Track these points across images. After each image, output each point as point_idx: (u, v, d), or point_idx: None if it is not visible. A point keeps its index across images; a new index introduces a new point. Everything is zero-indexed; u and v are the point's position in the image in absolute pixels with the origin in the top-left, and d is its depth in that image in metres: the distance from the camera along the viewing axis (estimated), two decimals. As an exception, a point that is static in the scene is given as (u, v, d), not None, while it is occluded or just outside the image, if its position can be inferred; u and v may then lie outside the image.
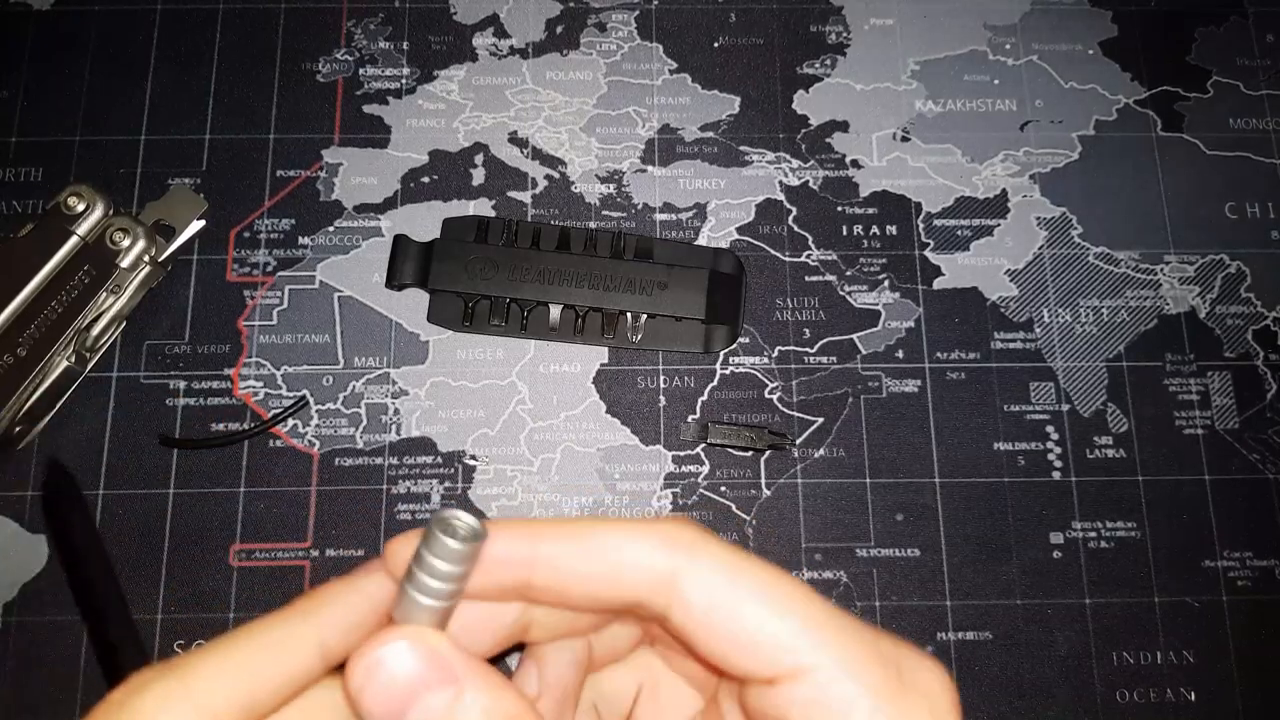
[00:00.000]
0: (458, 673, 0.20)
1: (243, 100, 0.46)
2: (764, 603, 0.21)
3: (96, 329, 0.40)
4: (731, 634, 0.21)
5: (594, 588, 0.22)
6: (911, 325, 0.44)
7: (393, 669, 0.20)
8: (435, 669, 0.20)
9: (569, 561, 0.21)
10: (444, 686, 0.20)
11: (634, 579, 0.21)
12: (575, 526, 0.22)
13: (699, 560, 0.21)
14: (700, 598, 0.21)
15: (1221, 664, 0.40)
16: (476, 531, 0.20)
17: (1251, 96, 0.47)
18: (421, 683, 0.20)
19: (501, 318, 0.42)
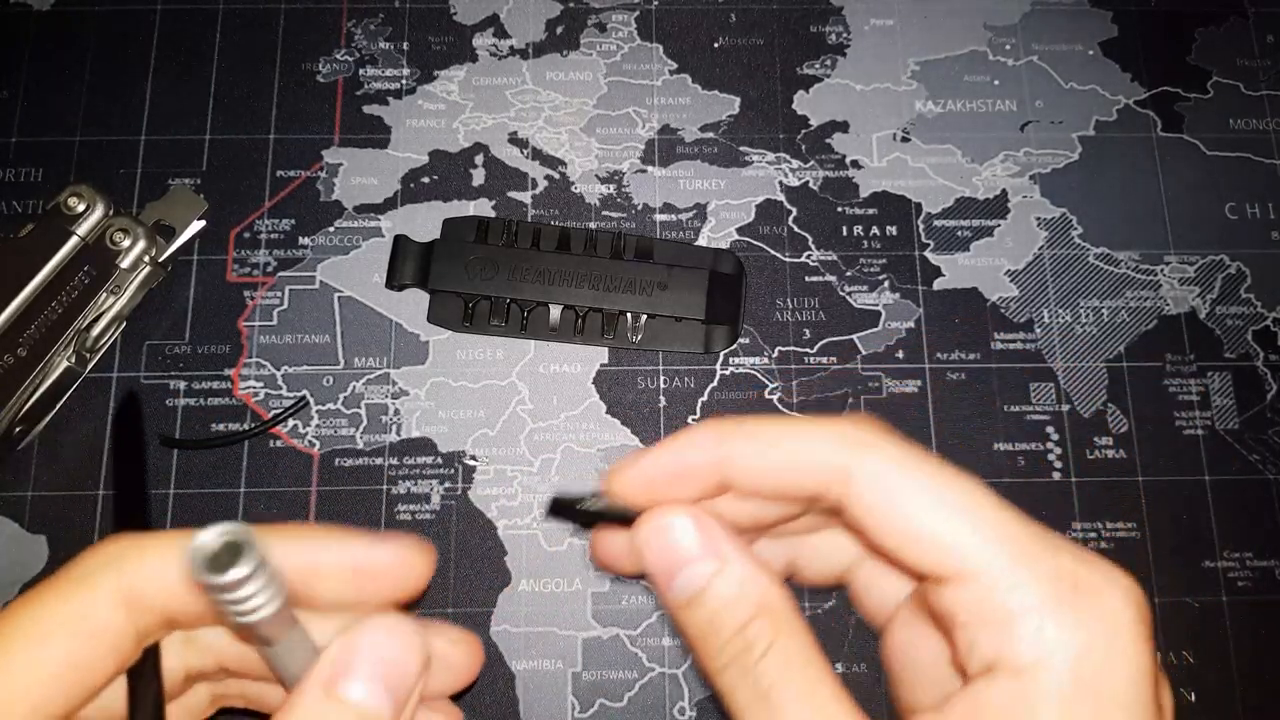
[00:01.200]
0: (723, 550, 0.23)
1: (243, 100, 0.46)
2: (934, 501, 0.21)
3: (96, 329, 0.40)
4: (900, 530, 0.22)
5: (778, 481, 0.23)
6: (911, 326, 0.44)
7: (674, 534, 0.23)
8: (707, 542, 0.23)
9: (754, 460, 0.23)
10: (711, 559, 0.23)
11: (810, 473, 0.23)
12: (760, 425, 0.24)
13: (871, 455, 0.22)
14: (870, 492, 0.22)
15: (1221, 664, 0.40)
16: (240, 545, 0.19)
17: (1251, 97, 0.47)
18: (694, 551, 0.23)
19: (501, 318, 0.42)
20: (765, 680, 0.21)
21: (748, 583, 0.23)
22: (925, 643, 0.25)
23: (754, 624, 0.22)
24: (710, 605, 0.23)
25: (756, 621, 0.22)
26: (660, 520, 0.24)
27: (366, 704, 0.22)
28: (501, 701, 0.39)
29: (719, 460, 0.24)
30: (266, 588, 0.20)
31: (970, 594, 0.20)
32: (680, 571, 0.23)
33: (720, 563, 0.23)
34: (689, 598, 0.23)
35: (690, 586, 0.23)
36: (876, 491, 0.22)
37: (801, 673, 0.22)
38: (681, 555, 0.23)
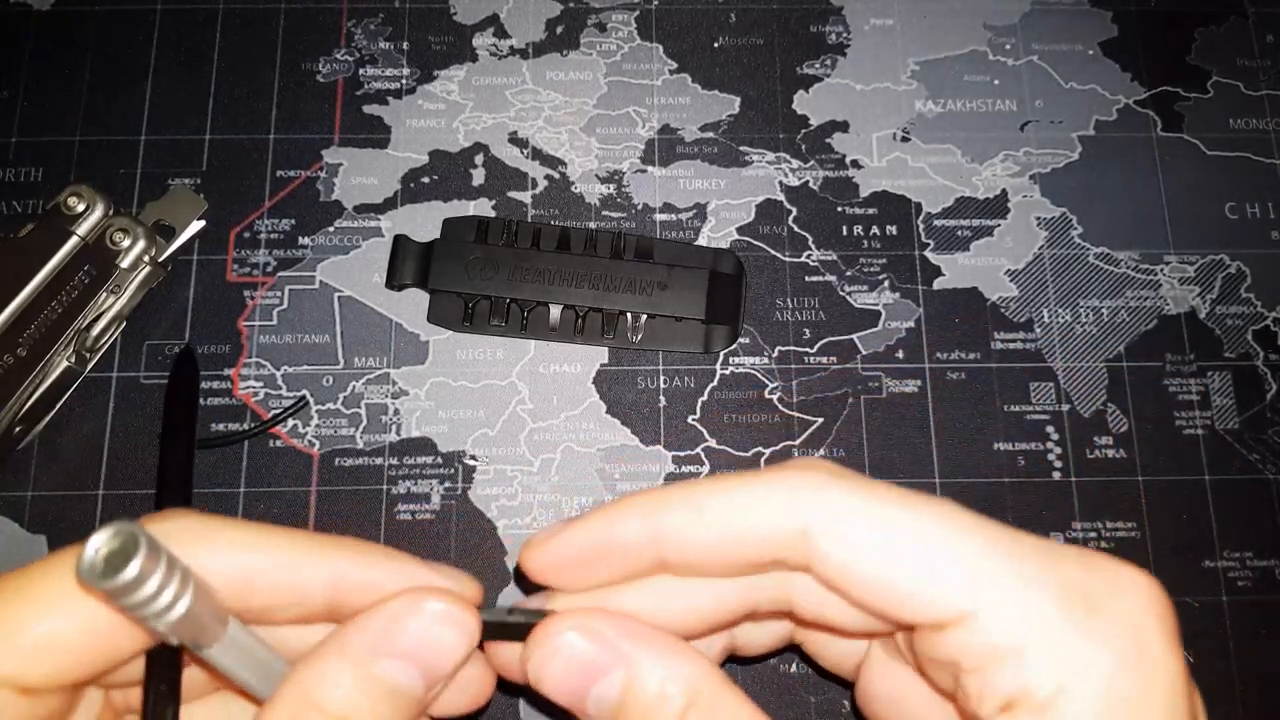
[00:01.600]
0: (626, 650, 0.20)
1: (243, 100, 0.46)
2: (909, 544, 0.19)
3: (96, 329, 0.40)
4: (879, 585, 0.19)
5: (724, 557, 0.21)
6: (911, 325, 0.44)
7: (567, 653, 0.21)
8: (606, 647, 0.20)
9: (695, 536, 0.21)
10: (617, 665, 0.20)
11: (763, 543, 0.20)
12: (696, 495, 0.21)
13: (830, 510, 0.20)
14: (837, 550, 0.20)
15: (1221, 664, 0.40)
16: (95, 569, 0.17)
17: (1251, 97, 0.47)
18: (594, 667, 0.20)
19: (501, 318, 0.42)
20: None
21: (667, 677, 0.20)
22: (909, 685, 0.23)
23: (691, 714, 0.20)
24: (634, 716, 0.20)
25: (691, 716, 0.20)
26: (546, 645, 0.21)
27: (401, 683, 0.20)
28: (502, 701, 0.39)
29: (652, 535, 0.21)
30: (167, 587, 0.18)
31: (972, 635, 0.18)
32: (588, 694, 0.20)
33: (628, 665, 0.20)
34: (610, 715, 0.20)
35: (605, 703, 0.20)
36: (844, 549, 0.19)
37: None
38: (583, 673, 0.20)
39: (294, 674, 0.20)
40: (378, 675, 0.20)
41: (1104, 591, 0.19)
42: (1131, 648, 0.18)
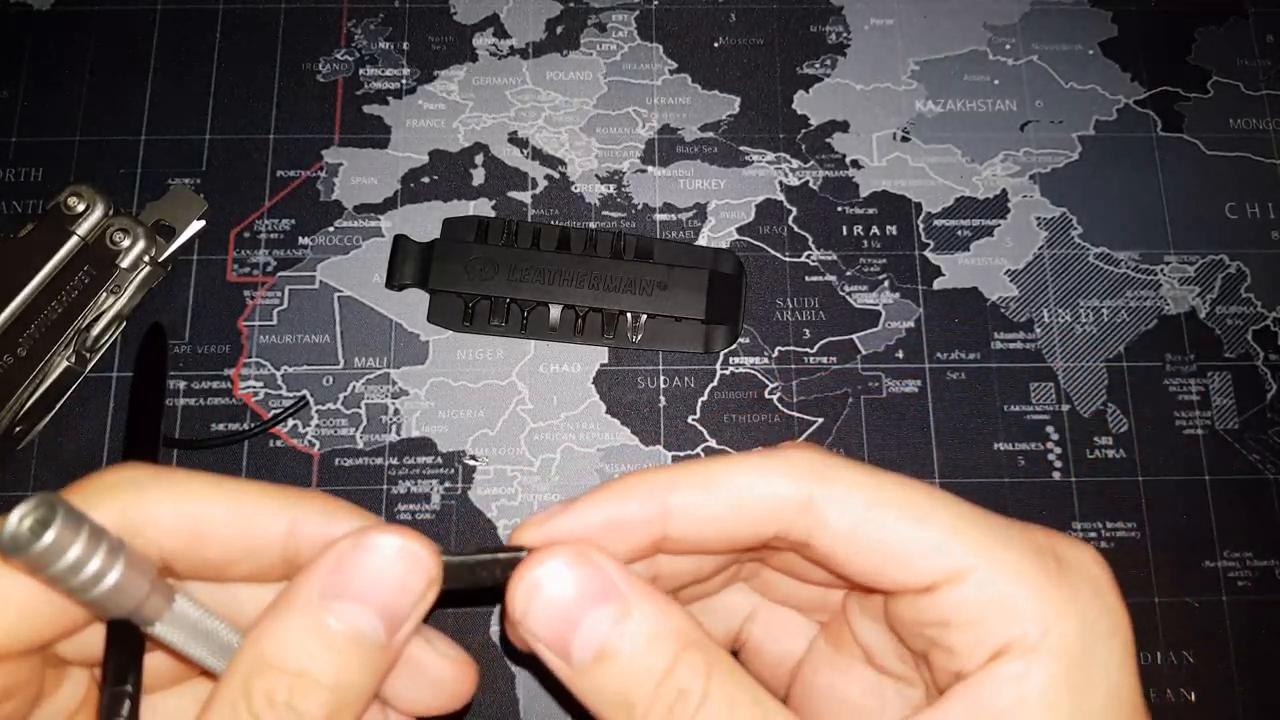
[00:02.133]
0: (622, 589, 0.20)
1: (243, 100, 0.46)
2: (908, 514, 0.21)
3: (96, 329, 0.40)
4: (880, 550, 0.21)
5: (729, 530, 0.21)
6: (911, 325, 0.44)
7: (553, 589, 0.19)
8: (598, 585, 0.19)
9: (701, 509, 0.21)
10: (608, 602, 0.19)
11: (769, 514, 0.21)
12: (701, 472, 0.21)
13: (832, 483, 0.21)
14: (842, 520, 0.21)
15: (1221, 664, 0.40)
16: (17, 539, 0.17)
17: (1251, 96, 0.47)
18: (585, 600, 0.19)
19: (501, 318, 0.42)
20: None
21: (661, 618, 0.19)
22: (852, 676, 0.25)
23: (681, 665, 0.19)
24: (623, 656, 0.19)
25: (684, 661, 0.19)
26: (528, 579, 0.20)
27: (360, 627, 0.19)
28: (501, 701, 0.39)
29: (658, 512, 0.21)
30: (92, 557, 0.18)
31: (963, 594, 0.20)
32: (576, 629, 0.19)
33: (622, 602, 0.19)
34: (594, 655, 0.19)
35: (592, 641, 0.19)
36: (847, 517, 0.21)
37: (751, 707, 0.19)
38: (567, 610, 0.19)
39: (248, 635, 0.19)
40: (334, 622, 0.19)
41: (1066, 553, 0.21)
42: (1095, 596, 0.21)
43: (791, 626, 0.27)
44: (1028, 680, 0.19)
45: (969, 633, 0.20)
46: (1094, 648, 0.20)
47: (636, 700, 0.19)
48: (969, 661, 0.20)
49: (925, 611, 0.21)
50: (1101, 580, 0.21)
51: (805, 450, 0.22)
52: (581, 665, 0.19)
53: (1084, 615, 0.20)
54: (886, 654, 0.24)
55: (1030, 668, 0.20)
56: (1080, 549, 0.22)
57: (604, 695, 0.19)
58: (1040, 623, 0.20)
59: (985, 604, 0.20)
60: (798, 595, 0.26)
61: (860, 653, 0.25)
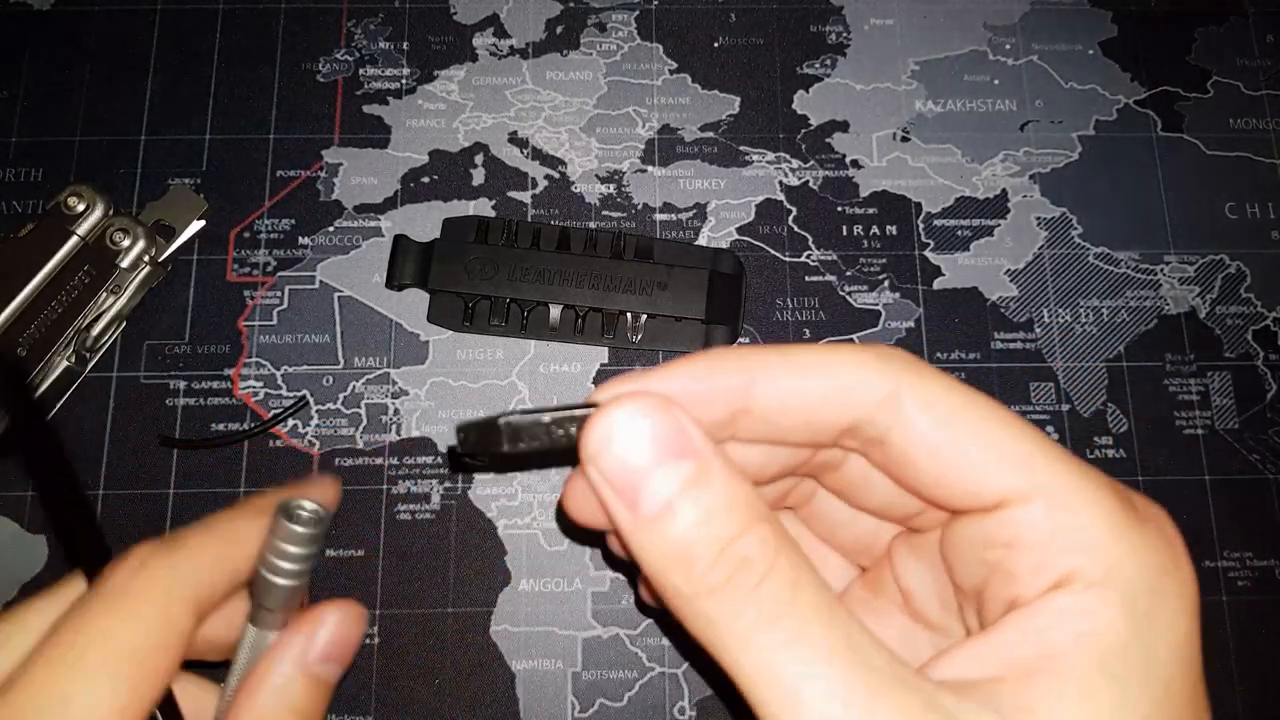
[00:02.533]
0: (701, 449, 0.19)
1: (243, 100, 0.46)
2: (992, 424, 0.20)
3: (96, 329, 0.40)
4: (958, 453, 0.20)
5: (813, 410, 0.21)
6: (911, 325, 0.44)
7: (632, 435, 0.19)
8: (678, 440, 0.19)
9: (788, 382, 0.20)
10: (686, 458, 0.18)
11: (856, 398, 0.20)
12: (790, 349, 0.21)
13: (923, 380, 0.20)
14: (925, 420, 0.20)
15: (1221, 664, 0.40)
16: (320, 517, 0.23)
17: (1251, 96, 0.47)
18: (663, 451, 0.19)
19: (501, 318, 0.42)
20: (773, 602, 0.18)
21: (736, 485, 0.19)
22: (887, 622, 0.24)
23: (750, 534, 0.18)
24: (691, 514, 0.18)
25: (754, 531, 0.18)
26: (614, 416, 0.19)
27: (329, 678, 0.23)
28: (501, 701, 0.39)
29: (744, 385, 0.21)
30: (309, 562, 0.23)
31: (1037, 513, 0.19)
32: (649, 477, 0.19)
33: (699, 461, 0.19)
34: (663, 506, 0.18)
35: (664, 492, 0.18)
36: (931, 416, 0.20)
37: (817, 594, 0.18)
38: (648, 457, 0.19)
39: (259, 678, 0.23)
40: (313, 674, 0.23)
41: (1143, 505, 0.20)
42: (1170, 555, 0.19)
43: (830, 566, 0.26)
44: (1093, 616, 0.18)
45: (1034, 554, 0.19)
46: (1165, 599, 0.19)
47: (698, 558, 0.18)
48: (1029, 586, 0.19)
49: (990, 532, 0.20)
50: (1177, 543, 0.20)
51: (897, 349, 0.21)
52: (648, 516, 0.19)
53: (1158, 564, 0.19)
54: (929, 598, 0.23)
55: (1095, 603, 0.18)
56: (1157, 508, 0.21)
57: (664, 550, 0.19)
58: (1110, 557, 0.19)
59: (1056, 527, 0.19)
60: (843, 532, 0.25)
61: (899, 599, 0.24)
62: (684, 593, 0.18)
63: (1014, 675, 0.18)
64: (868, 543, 0.25)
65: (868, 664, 0.18)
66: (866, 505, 0.24)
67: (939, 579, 0.23)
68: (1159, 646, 0.19)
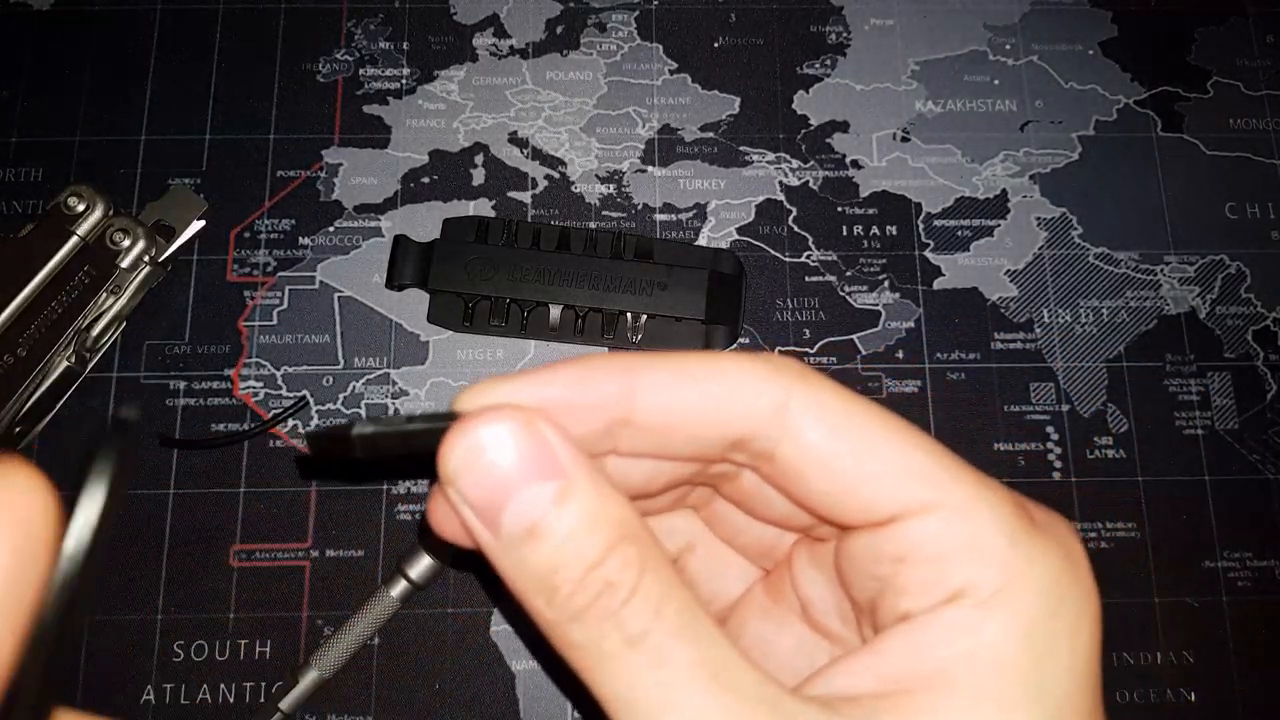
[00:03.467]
0: (567, 466, 0.18)
1: (243, 100, 0.46)
2: (884, 436, 0.19)
3: (96, 329, 0.40)
4: (850, 467, 0.19)
5: (697, 422, 0.20)
6: (911, 326, 0.44)
7: (493, 453, 0.18)
8: (541, 457, 0.18)
9: (672, 395, 0.19)
10: (550, 477, 0.18)
11: (742, 409, 0.19)
12: (678, 359, 0.20)
13: (813, 390, 0.19)
14: (815, 433, 0.19)
15: (1221, 664, 0.40)
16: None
17: (1251, 96, 0.47)
18: (526, 470, 0.18)
19: (501, 318, 0.42)
20: (638, 625, 0.18)
21: (602, 504, 0.18)
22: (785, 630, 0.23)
23: (614, 556, 0.18)
24: (555, 537, 0.18)
25: (618, 552, 0.18)
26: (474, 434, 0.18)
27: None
28: (501, 701, 0.39)
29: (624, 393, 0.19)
30: None
31: (931, 526, 0.19)
32: (510, 499, 0.18)
33: (564, 480, 0.18)
34: (524, 530, 0.18)
35: (525, 515, 0.18)
36: (822, 429, 0.19)
37: (681, 614, 0.18)
38: (510, 477, 0.18)
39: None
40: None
41: (1041, 516, 0.20)
42: (1069, 563, 0.19)
43: (732, 567, 0.25)
44: (981, 631, 0.18)
45: (926, 570, 0.19)
46: (1061, 615, 0.18)
47: (561, 584, 0.18)
48: (920, 601, 0.19)
49: (883, 547, 0.19)
50: (1077, 553, 0.19)
51: (787, 357, 0.20)
52: (510, 539, 0.18)
53: (1056, 578, 0.18)
54: (828, 610, 0.23)
55: (987, 619, 0.18)
56: (1057, 517, 0.20)
57: (528, 575, 0.18)
58: (1006, 571, 0.18)
59: (950, 542, 0.18)
60: (744, 535, 0.25)
61: (798, 606, 0.23)
62: (548, 618, 0.18)
63: (895, 691, 0.18)
64: (769, 546, 0.25)
65: (733, 687, 0.17)
66: (764, 516, 0.23)
67: (838, 590, 0.22)
68: (1052, 665, 0.18)
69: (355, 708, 0.38)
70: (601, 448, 0.20)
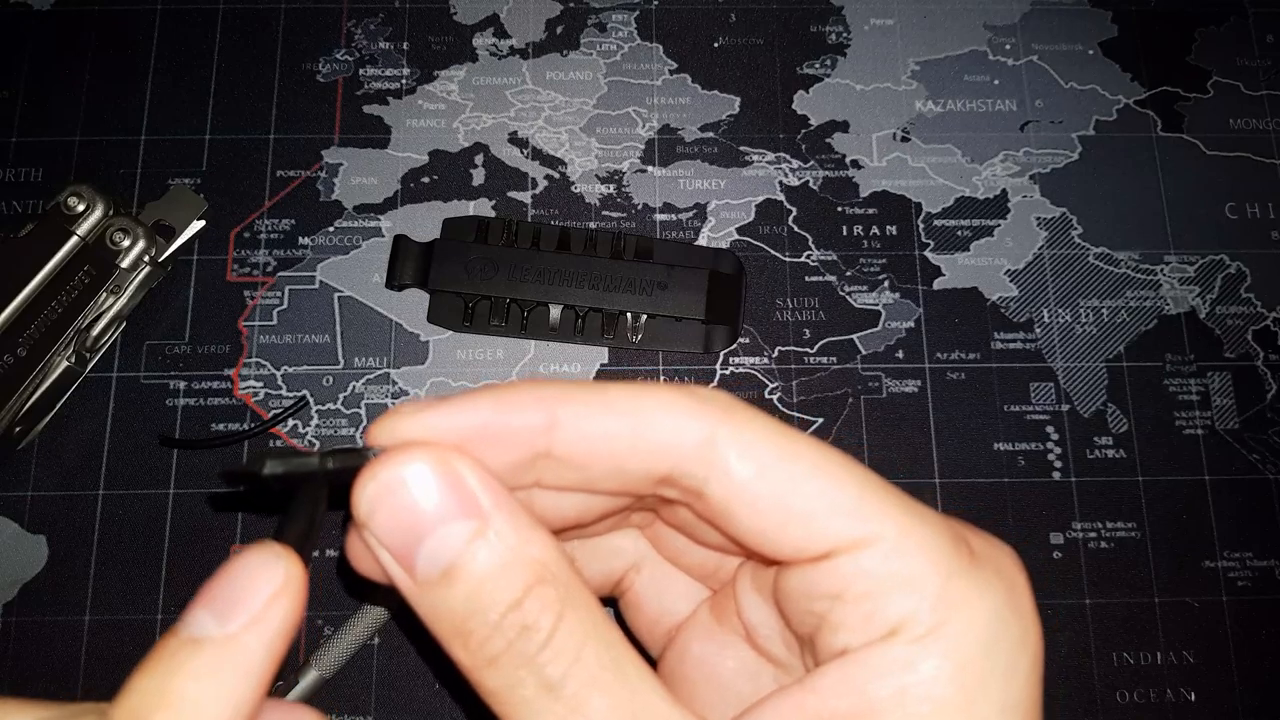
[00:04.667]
0: (483, 506, 0.18)
1: (243, 100, 0.46)
2: (816, 470, 0.19)
3: (96, 329, 0.40)
4: (780, 506, 0.19)
5: (621, 455, 0.19)
6: (911, 325, 0.44)
7: (407, 493, 0.17)
8: (457, 496, 0.17)
9: (594, 427, 0.19)
10: (467, 516, 0.17)
11: (668, 443, 0.19)
12: (600, 389, 0.19)
13: (740, 425, 0.19)
14: (743, 468, 0.19)
15: (1221, 664, 0.40)
16: None
17: (1251, 96, 0.47)
18: (440, 510, 0.17)
19: (501, 318, 0.42)
20: (555, 670, 0.17)
21: (519, 544, 0.18)
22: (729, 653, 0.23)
23: (531, 598, 0.17)
24: (469, 580, 0.17)
25: (535, 594, 0.17)
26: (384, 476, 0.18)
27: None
28: (501, 701, 0.39)
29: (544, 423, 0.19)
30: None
31: (865, 564, 0.18)
32: (424, 540, 0.17)
33: (479, 520, 0.17)
34: (439, 572, 0.17)
35: (440, 557, 0.17)
36: (750, 464, 0.19)
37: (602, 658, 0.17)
38: (424, 517, 0.17)
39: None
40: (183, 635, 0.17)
41: (981, 546, 0.19)
42: (1009, 595, 0.19)
43: (678, 586, 0.25)
44: (914, 669, 0.18)
45: (861, 607, 0.18)
46: (998, 651, 0.18)
47: (475, 629, 0.17)
48: (855, 638, 0.18)
49: (818, 583, 0.19)
50: (1018, 583, 0.19)
51: (712, 390, 0.20)
52: (426, 581, 0.17)
53: (993, 612, 0.18)
54: (771, 635, 0.22)
55: (920, 656, 0.18)
56: (997, 546, 0.20)
57: (444, 618, 0.18)
58: (942, 608, 0.18)
59: (884, 577, 0.18)
60: (688, 557, 0.24)
61: (742, 629, 0.23)
62: (465, 663, 0.18)
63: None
64: (714, 567, 0.24)
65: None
66: (703, 543, 0.23)
67: (781, 616, 0.22)
68: (984, 702, 0.18)
69: (355, 708, 0.38)
70: (524, 480, 0.20)
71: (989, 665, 0.18)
